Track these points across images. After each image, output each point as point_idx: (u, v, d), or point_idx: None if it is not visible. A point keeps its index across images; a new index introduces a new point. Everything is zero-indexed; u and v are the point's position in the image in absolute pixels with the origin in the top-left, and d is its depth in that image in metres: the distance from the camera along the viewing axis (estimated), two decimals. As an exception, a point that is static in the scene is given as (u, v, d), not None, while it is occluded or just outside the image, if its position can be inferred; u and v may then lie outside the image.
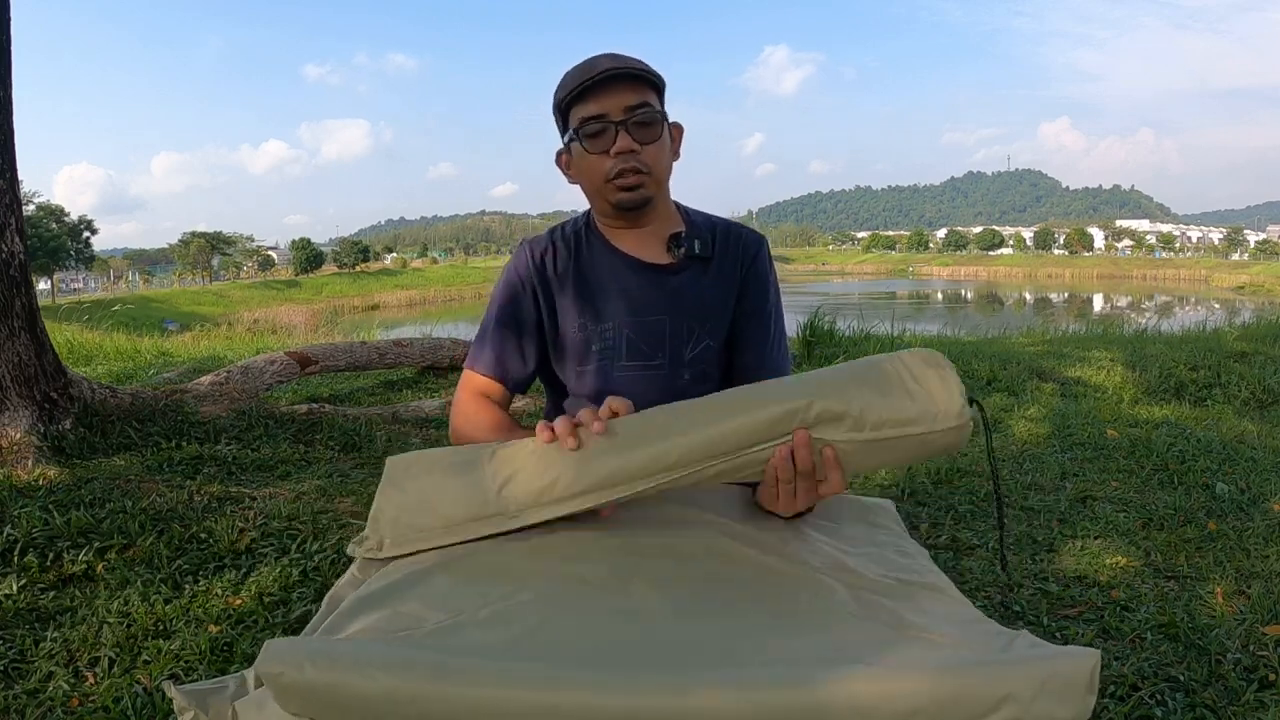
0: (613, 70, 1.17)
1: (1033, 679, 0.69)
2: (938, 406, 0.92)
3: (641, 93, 1.20)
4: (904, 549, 1.07)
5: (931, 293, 53.76)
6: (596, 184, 1.23)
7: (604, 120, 1.18)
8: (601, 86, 1.18)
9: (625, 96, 1.18)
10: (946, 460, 3.35)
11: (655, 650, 0.77)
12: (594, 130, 1.19)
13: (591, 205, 1.31)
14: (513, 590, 0.87)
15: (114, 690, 1.62)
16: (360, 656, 0.70)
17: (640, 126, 1.19)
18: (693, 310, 1.28)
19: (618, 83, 1.18)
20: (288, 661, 0.69)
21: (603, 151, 1.20)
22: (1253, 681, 1.72)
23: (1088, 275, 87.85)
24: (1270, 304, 14.82)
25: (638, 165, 1.20)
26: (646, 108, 1.19)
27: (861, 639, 0.80)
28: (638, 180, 1.21)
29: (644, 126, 1.20)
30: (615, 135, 1.18)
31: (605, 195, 1.23)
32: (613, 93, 1.18)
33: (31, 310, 3.22)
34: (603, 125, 1.18)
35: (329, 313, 30.94)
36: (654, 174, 1.22)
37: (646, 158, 1.21)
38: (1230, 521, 2.67)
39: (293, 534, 2.40)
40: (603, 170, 1.21)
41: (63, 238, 44.23)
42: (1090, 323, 10.98)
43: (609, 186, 1.22)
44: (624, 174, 1.20)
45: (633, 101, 1.18)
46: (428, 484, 1.02)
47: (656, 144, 1.22)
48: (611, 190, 1.22)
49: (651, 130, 1.20)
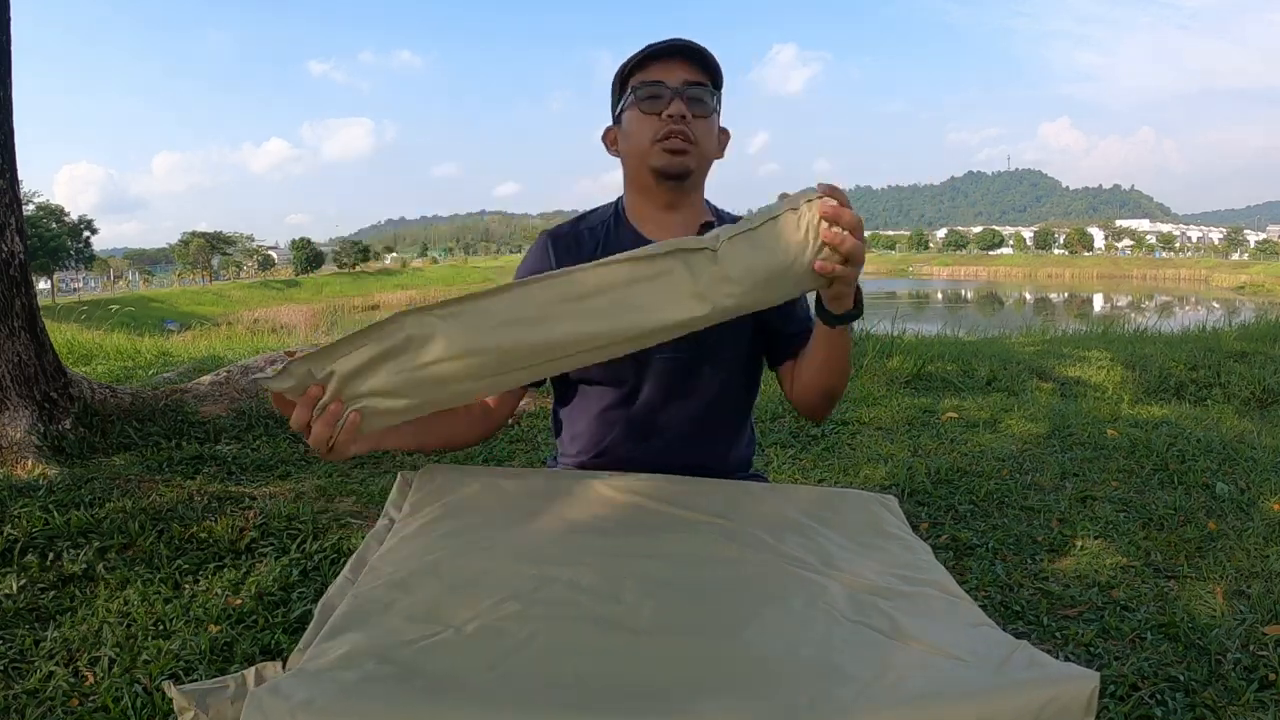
0: (679, 43, 1.23)
1: (1028, 708, 0.69)
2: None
3: (701, 74, 1.24)
4: (907, 543, 1.06)
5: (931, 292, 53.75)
6: (642, 145, 1.24)
7: (661, 85, 1.22)
8: (666, 56, 1.23)
9: (686, 71, 1.23)
10: (946, 460, 3.35)
11: (643, 667, 0.76)
12: (650, 93, 1.23)
13: (629, 180, 1.32)
14: (501, 599, 0.86)
15: (114, 690, 1.62)
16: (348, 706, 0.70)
17: (695, 101, 1.23)
18: None
19: (682, 56, 1.23)
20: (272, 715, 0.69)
21: (655, 113, 1.22)
22: (1253, 681, 1.72)
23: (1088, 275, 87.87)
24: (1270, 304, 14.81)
25: (686, 132, 1.22)
26: (702, 87, 1.23)
27: (854, 652, 0.79)
28: (683, 145, 1.23)
29: (698, 101, 1.23)
30: (670, 100, 1.22)
31: (649, 159, 1.25)
32: (675, 65, 1.23)
33: (31, 310, 3.22)
34: (659, 90, 1.22)
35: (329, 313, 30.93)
36: (700, 148, 1.24)
37: (696, 130, 1.23)
38: (1230, 521, 2.67)
39: (293, 534, 2.40)
40: (651, 131, 1.23)
41: (63, 237, 44.25)
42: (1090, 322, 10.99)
43: (654, 149, 1.23)
44: (671, 136, 1.22)
45: (691, 78, 1.23)
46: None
47: (706, 122, 1.25)
48: (656, 152, 1.23)
49: (704, 106, 1.24)
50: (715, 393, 1.30)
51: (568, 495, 1.15)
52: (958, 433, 3.88)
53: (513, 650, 0.78)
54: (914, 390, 4.94)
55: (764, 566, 0.96)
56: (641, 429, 1.29)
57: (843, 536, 1.06)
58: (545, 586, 0.89)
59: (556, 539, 1.02)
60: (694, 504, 1.12)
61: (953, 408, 4.38)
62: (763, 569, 0.96)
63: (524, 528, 1.05)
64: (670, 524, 1.06)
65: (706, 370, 1.28)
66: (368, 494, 2.86)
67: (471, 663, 0.76)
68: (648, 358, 1.26)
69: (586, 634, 0.81)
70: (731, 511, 1.10)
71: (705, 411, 1.30)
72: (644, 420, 1.29)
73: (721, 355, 1.28)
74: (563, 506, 1.12)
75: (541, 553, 0.98)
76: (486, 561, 0.95)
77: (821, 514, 1.12)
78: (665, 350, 1.26)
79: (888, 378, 5.18)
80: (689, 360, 1.27)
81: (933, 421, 4.11)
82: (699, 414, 1.30)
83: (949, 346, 6.44)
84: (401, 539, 1.05)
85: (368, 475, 3.14)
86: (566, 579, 0.91)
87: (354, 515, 2.62)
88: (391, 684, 0.72)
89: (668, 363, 1.27)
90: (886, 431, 3.92)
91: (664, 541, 1.01)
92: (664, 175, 1.25)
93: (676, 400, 1.28)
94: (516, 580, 0.90)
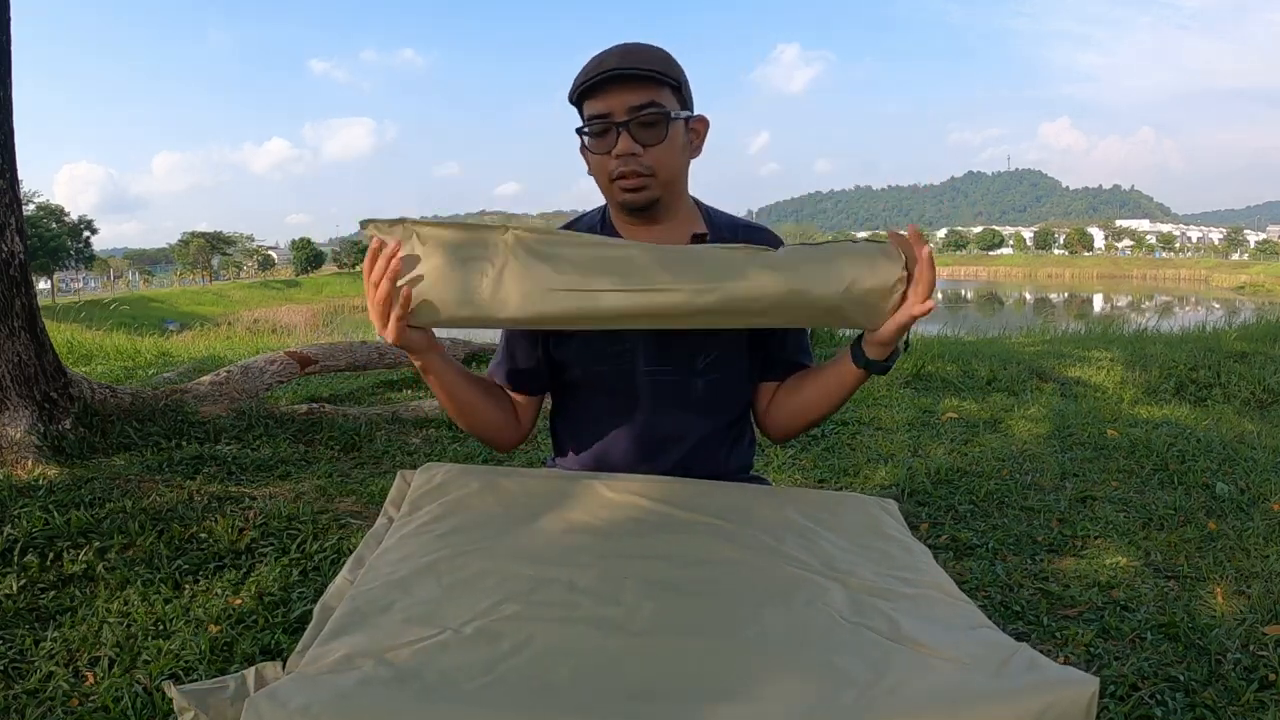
0: (617, 70, 1.15)
1: (1027, 713, 0.69)
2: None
3: (648, 92, 1.17)
4: (906, 546, 1.06)
5: (931, 292, 53.63)
6: (603, 183, 1.23)
7: (607, 120, 1.16)
8: (607, 85, 1.16)
9: (630, 96, 1.16)
10: (946, 460, 3.35)
11: (642, 669, 0.76)
12: (597, 130, 1.18)
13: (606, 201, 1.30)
14: (500, 600, 0.86)
15: (114, 690, 1.62)
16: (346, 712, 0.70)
17: (643, 127, 1.16)
18: None
19: (623, 81, 1.16)
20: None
21: (605, 152, 1.18)
22: (1253, 681, 1.72)
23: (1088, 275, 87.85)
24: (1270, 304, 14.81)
25: (638, 168, 1.18)
26: (652, 108, 1.16)
27: (854, 654, 0.78)
28: (639, 182, 1.19)
29: (647, 127, 1.17)
30: (617, 136, 1.17)
31: (611, 194, 1.23)
32: (617, 92, 1.16)
33: (31, 310, 3.22)
34: (605, 125, 1.17)
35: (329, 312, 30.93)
36: (659, 176, 1.20)
37: (649, 159, 1.18)
38: (1230, 521, 2.67)
39: (293, 534, 2.40)
40: (606, 170, 1.20)
41: (63, 237, 44.23)
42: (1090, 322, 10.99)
43: (613, 187, 1.21)
44: (625, 175, 1.18)
45: (637, 101, 1.16)
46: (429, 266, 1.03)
47: (662, 145, 1.18)
48: (615, 190, 1.21)
49: (655, 131, 1.17)
50: (712, 402, 1.29)
51: (567, 496, 1.15)
52: (958, 433, 3.88)
53: (510, 653, 0.77)
54: (914, 390, 4.94)
55: (764, 568, 0.96)
56: (639, 436, 1.28)
57: (843, 539, 1.06)
58: (544, 588, 0.89)
59: (555, 540, 1.02)
60: (693, 505, 1.12)
61: (953, 408, 4.38)
62: (762, 571, 0.96)
63: (523, 528, 1.05)
64: (670, 525, 1.06)
65: (701, 382, 1.27)
66: (368, 494, 2.86)
67: (469, 665, 0.75)
68: (644, 368, 1.26)
69: (585, 636, 0.81)
70: (731, 513, 1.10)
71: (702, 419, 1.29)
72: (641, 427, 1.28)
73: (717, 365, 1.28)
74: (562, 507, 1.11)
75: (540, 553, 0.98)
76: (485, 562, 0.95)
77: (821, 516, 1.12)
78: (660, 363, 1.26)
79: (888, 378, 5.18)
80: (685, 371, 1.27)
81: (933, 421, 4.11)
82: (696, 422, 1.29)
83: (949, 346, 6.44)
84: (400, 538, 1.05)
85: (368, 475, 3.14)
86: (565, 580, 0.91)
87: (354, 515, 2.62)
88: (389, 689, 0.72)
89: (664, 374, 1.26)
90: (886, 432, 3.92)
91: (663, 543, 1.01)
92: (629, 210, 1.23)
93: (674, 409, 1.27)
94: (515, 581, 0.90)
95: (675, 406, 1.27)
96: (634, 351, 1.25)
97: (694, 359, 1.26)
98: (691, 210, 1.31)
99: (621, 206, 1.24)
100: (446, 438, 3.73)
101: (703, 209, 1.33)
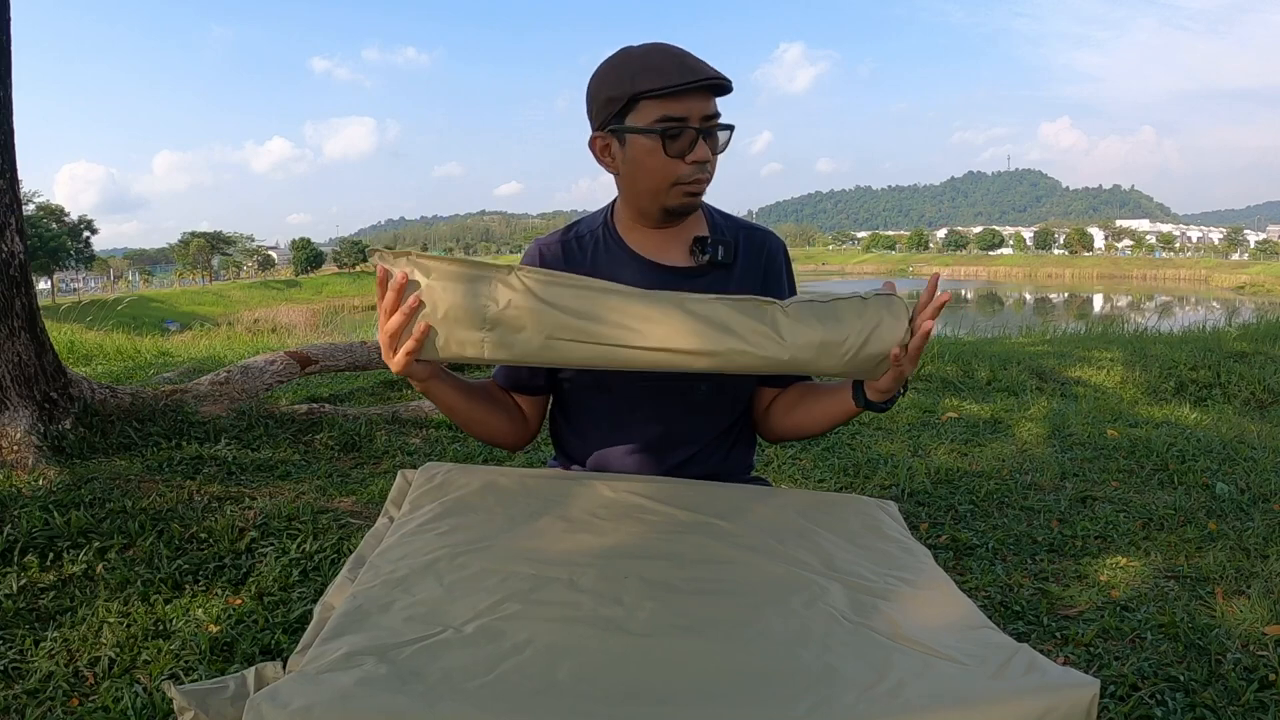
0: (710, 80, 1.14)
1: (1028, 716, 0.69)
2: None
3: (717, 106, 1.19)
4: (907, 548, 1.06)
5: (931, 293, 53.64)
6: (659, 185, 1.20)
7: (685, 124, 1.16)
8: (694, 90, 1.15)
9: (706, 104, 1.17)
10: (947, 460, 3.35)
11: (642, 669, 0.76)
12: (675, 131, 1.16)
13: (628, 201, 1.27)
14: (500, 599, 0.86)
15: (114, 690, 1.62)
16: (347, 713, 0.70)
17: (714, 137, 1.19)
18: None
19: (705, 90, 1.16)
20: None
21: (678, 155, 1.17)
22: (1253, 681, 1.72)
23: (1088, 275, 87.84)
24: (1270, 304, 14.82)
25: (706, 175, 1.20)
26: (718, 118, 1.19)
27: (854, 655, 0.78)
28: (702, 189, 1.21)
29: (717, 138, 1.20)
30: (693, 141, 1.16)
31: (665, 199, 1.21)
32: (699, 98, 1.16)
33: (31, 310, 3.22)
34: (684, 128, 1.16)
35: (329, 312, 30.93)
36: (710, 183, 1.23)
37: (712, 167, 1.21)
38: (1230, 521, 2.67)
39: (293, 534, 2.40)
40: (673, 174, 1.18)
41: (63, 238, 44.23)
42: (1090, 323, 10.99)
43: (674, 190, 1.19)
44: (698, 181, 1.19)
45: (710, 111, 1.17)
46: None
47: (719, 155, 1.22)
48: (675, 195, 1.20)
49: (721, 141, 1.21)
50: (713, 403, 1.29)
51: (567, 496, 1.15)
52: (958, 433, 3.88)
53: (511, 652, 0.77)
54: (914, 390, 4.94)
55: (764, 568, 0.96)
56: (639, 437, 1.28)
57: (843, 539, 1.06)
58: (544, 587, 0.89)
59: (556, 539, 1.02)
60: (694, 506, 1.12)
61: (953, 408, 4.38)
62: (763, 571, 0.96)
63: (523, 527, 1.05)
64: (670, 525, 1.06)
65: (703, 384, 1.27)
66: (368, 494, 2.86)
67: (470, 665, 0.75)
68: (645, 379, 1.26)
69: (586, 636, 0.81)
70: (731, 513, 1.10)
71: (703, 421, 1.30)
72: (641, 428, 1.28)
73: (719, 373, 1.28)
74: (563, 507, 1.12)
75: (541, 553, 0.98)
76: (486, 561, 0.95)
77: (821, 517, 1.12)
78: None
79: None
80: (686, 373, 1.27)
81: (933, 422, 4.11)
82: (697, 423, 1.29)
83: (949, 347, 6.44)
84: (401, 537, 1.05)
85: (367, 475, 3.14)
86: (566, 579, 0.91)
87: (354, 515, 2.62)
88: (390, 688, 0.72)
89: (665, 376, 1.26)
90: (886, 432, 3.92)
91: (664, 543, 1.01)
92: (677, 214, 1.24)
93: (675, 411, 1.27)
94: (515, 580, 0.90)
95: (676, 408, 1.27)
96: None
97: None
98: (696, 212, 1.32)
99: (671, 211, 1.23)
100: (446, 438, 3.73)
101: (704, 209, 1.34)
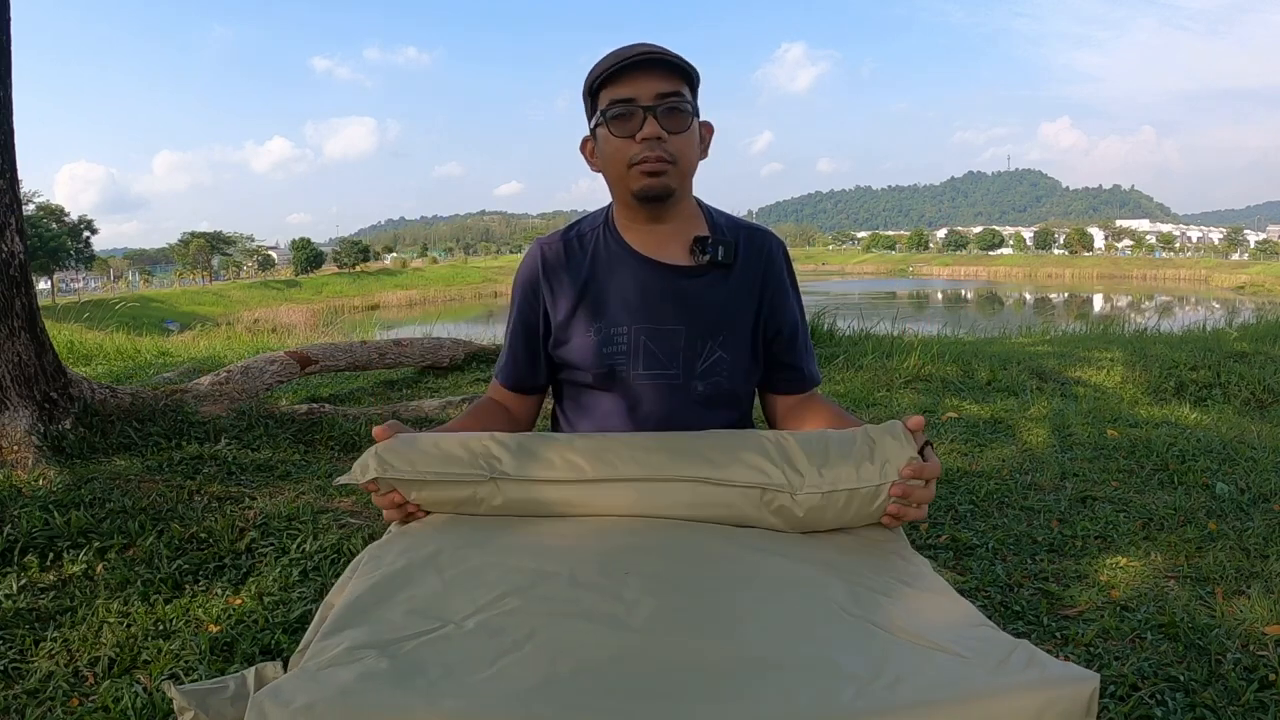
0: (647, 54, 1.15)
1: (1028, 709, 0.69)
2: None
3: (674, 82, 1.17)
4: (905, 554, 1.06)
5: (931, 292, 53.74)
6: (619, 170, 1.20)
7: (633, 104, 1.16)
8: (634, 70, 1.15)
9: (657, 83, 1.16)
10: (947, 460, 3.35)
11: (643, 664, 0.76)
12: (621, 113, 1.16)
13: (613, 196, 1.28)
14: (501, 594, 0.86)
15: (114, 690, 1.62)
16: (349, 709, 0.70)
17: (670, 114, 1.16)
18: (709, 320, 1.26)
19: (651, 68, 1.15)
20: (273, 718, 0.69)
21: (628, 135, 1.17)
22: (1253, 681, 1.72)
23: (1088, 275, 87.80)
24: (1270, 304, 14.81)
25: (663, 153, 1.17)
26: (677, 96, 1.17)
27: (854, 649, 0.78)
28: (660, 167, 1.18)
29: (673, 115, 1.17)
30: (643, 120, 1.16)
31: (627, 182, 1.20)
32: (645, 78, 1.15)
33: (31, 310, 3.22)
34: (631, 109, 1.16)
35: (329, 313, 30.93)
36: (679, 165, 1.19)
37: (673, 147, 1.18)
38: (1230, 521, 2.67)
39: (293, 534, 2.40)
40: (626, 155, 1.18)
41: (63, 238, 44.23)
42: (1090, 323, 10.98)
43: (632, 172, 1.19)
44: (648, 160, 1.17)
45: (664, 89, 1.16)
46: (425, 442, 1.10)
47: (684, 135, 1.19)
48: (635, 176, 1.19)
49: (681, 119, 1.18)
50: (713, 402, 1.29)
51: None
52: (958, 433, 3.88)
53: (512, 647, 0.77)
54: (914, 390, 4.94)
55: (763, 564, 0.96)
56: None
57: (843, 538, 1.07)
58: (545, 582, 0.89)
59: (557, 535, 1.02)
60: None
61: (953, 408, 4.38)
62: (762, 566, 0.96)
63: (524, 523, 1.05)
64: (671, 522, 1.06)
65: (701, 384, 1.27)
66: (367, 494, 2.85)
67: (471, 659, 0.76)
68: (644, 370, 1.26)
69: (586, 631, 0.81)
70: None
71: (703, 419, 1.29)
72: (641, 427, 1.28)
73: (718, 367, 1.28)
74: None
75: (541, 548, 0.98)
76: (486, 556, 0.95)
77: None
78: (659, 365, 1.26)
79: (888, 378, 5.18)
80: (685, 373, 1.27)
81: (933, 421, 4.11)
82: (697, 422, 1.29)
83: (949, 346, 6.43)
84: (402, 532, 1.05)
85: (368, 475, 3.14)
86: (567, 575, 0.91)
87: (354, 515, 2.62)
88: (391, 683, 0.72)
89: (664, 376, 1.26)
90: (886, 431, 3.91)
91: (664, 539, 1.01)
92: (644, 198, 1.21)
93: (674, 410, 1.27)
94: (516, 575, 0.90)
95: (676, 407, 1.27)
96: (633, 354, 1.25)
97: (694, 361, 1.26)
98: (695, 211, 1.32)
99: (636, 195, 1.21)
100: (446, 438, 3.73)
101: (704, 209, 1.34)
